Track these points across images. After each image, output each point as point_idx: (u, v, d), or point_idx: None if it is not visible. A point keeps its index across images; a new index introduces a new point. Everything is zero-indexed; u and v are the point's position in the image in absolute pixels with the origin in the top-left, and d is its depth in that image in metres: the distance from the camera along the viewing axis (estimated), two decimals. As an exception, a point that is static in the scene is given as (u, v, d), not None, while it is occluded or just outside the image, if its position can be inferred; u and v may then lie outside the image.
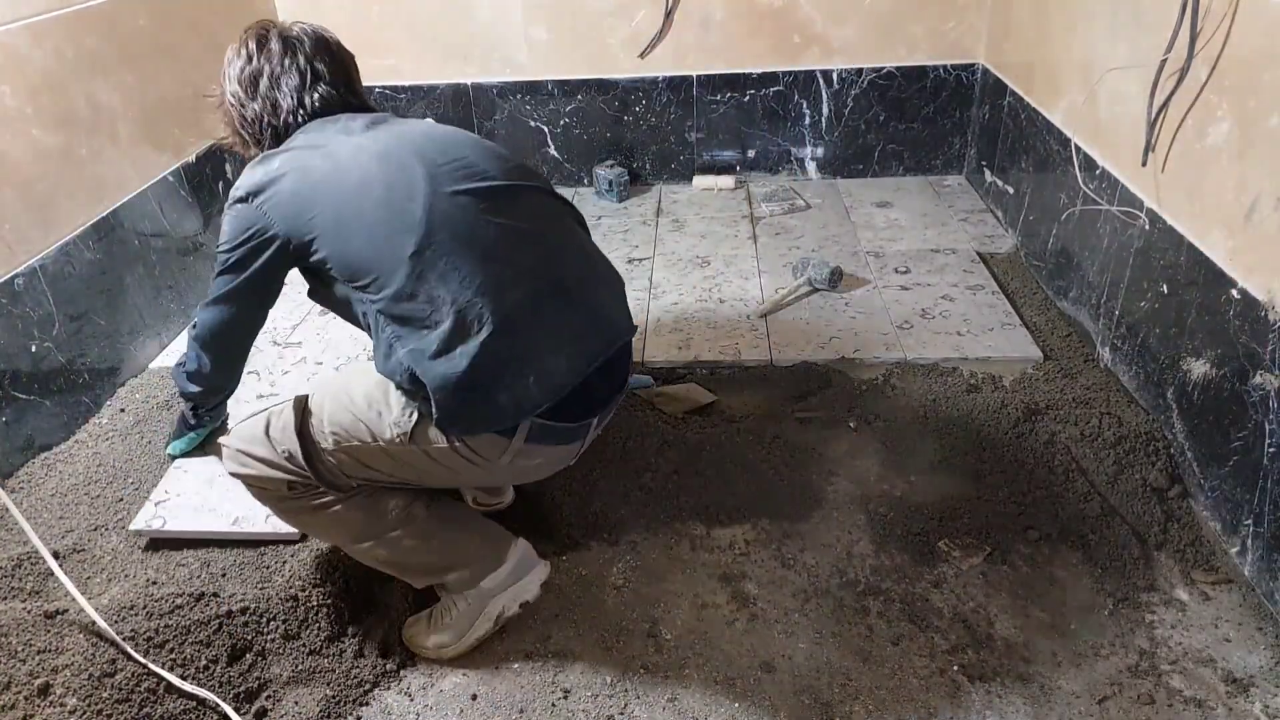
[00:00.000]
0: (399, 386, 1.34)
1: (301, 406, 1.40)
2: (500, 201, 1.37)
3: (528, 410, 1.32)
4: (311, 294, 1.48)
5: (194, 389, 1.68)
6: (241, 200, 1.37)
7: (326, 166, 1.35)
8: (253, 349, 1.65)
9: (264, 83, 1.46)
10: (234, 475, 1.43)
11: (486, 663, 1.50)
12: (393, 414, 1.34)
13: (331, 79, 1.50)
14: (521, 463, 1.41)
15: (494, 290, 1.30)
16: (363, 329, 1.41)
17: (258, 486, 1.43)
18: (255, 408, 1.98)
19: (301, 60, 1.48)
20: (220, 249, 1.44)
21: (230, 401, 1.85)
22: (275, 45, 1.47)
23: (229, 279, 1.46)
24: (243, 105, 1.47)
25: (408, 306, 1.29)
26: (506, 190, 1.39)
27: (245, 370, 1.72)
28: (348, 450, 1.37)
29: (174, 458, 1.87)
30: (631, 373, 1.59)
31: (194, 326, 1.57)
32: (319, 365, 2.19)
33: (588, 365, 1.38)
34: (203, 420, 1.84)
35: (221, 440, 1.50)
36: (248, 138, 1.50)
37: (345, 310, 1.42)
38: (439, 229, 1.30)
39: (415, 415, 1.33)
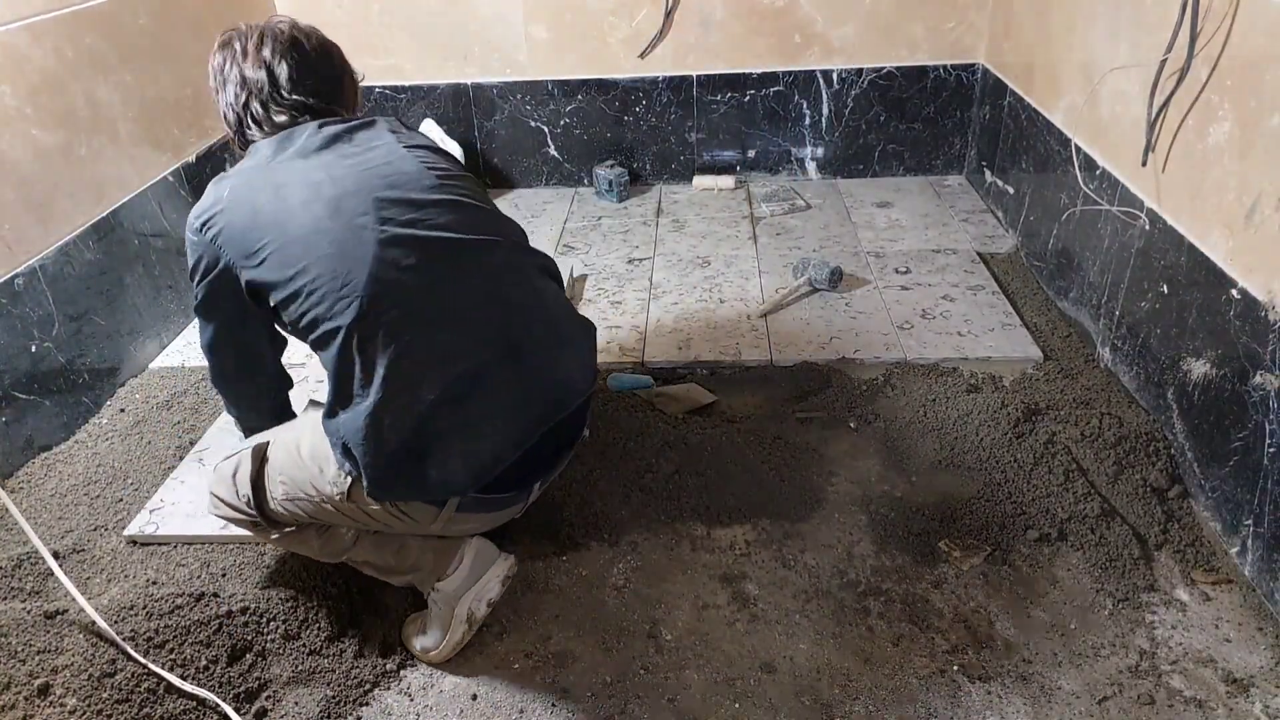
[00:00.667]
0: (336, 449, 1.33)
1: (260, 455, 1.42)
2: (458, 262, 1.33)
3: (456, 490, 1.33)
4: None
5: (237, 422, 1.68)
6: (195, 230, 1.35)
7: (274, 208, 1.30)
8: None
9: (231, 86, 1.42)
10: (212, 514, 1.49)
11: (486, 663, 1.50)
12: (330, 472, 1.35)
13: (299, 84, 1.43)
14: (456, 527, 1.44)
15: (434, 364, 1.28)
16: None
17: (232, 520, 1.47)
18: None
19: (269, 58, 1.42)
20: (192, 280, 1.41)
21: (228, 420, 1.79)
22: (239, 45, 1.43)
23: (205, 313, 1.43)
24: (217, 103, 1.46)
25: (345, 372, 1.28)
26: (466, 248, 1.34)
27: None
28: (294, 500, 1.39)
29: None
30: (587, 424, 1.55)
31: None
32: (320, 384, 2.17)
33: (532, 434, 1.37)
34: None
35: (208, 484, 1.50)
36: (233, 135, 1.48)
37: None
38: (383, 298, 1.26)
39: (349, 478, 1.33)
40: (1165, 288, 1.85)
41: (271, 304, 1.32)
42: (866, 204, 3.10)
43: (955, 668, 1.46)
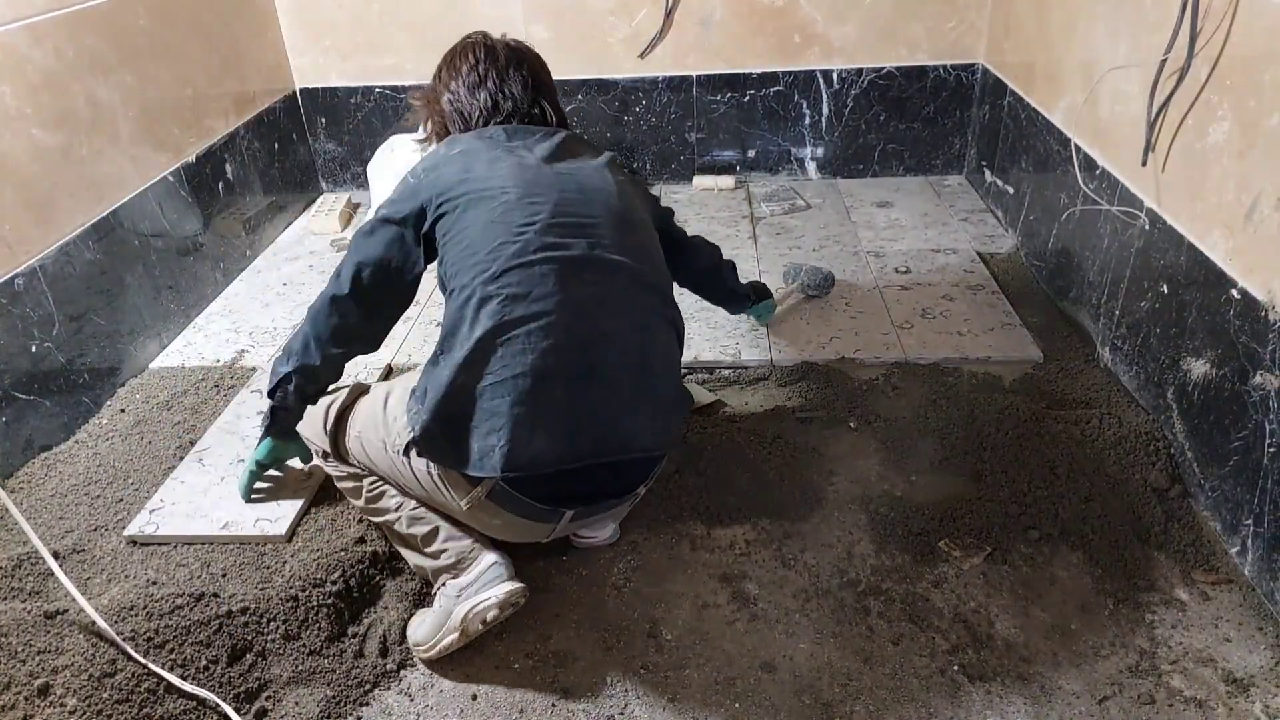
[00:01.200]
0: (414, 396, 1.44)
1: (357, 393, 1.60)
2: (587, 273, 1.41)
3: (487, 469, 1.36)
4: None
5: (286, 368, 1.58)
6: (415, 173, 1.51)
7: (481, 172, 1.45)
8: (257, 370, 1.67)
9: (489, 87, 1.59)
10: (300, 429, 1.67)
11: (486, 663, 1.50)
12: (397, 426, 1.46)
13: (537, 92, 1.61)
14: (481, 515, 1.46)
15: (525, 351, 1.35)
16: None
17: (311, 445, 1.68)
18: (256, 424, 1.95)
19: (526, 69, 1.62)
20: (381, 208, 1.52)
21: (235, 418, 1.79)
22: (502, 50, 1.63)
23: (381, 220, 1.51)
24: (461, 103, 1.61)
25: (453, 325, 1.39)
26: (604, 264, 1.43)
27: (249, 388, 1.70)
28: (364, 442, 1.53)
29: (248, 483, 1.75)
30: (646, 485, 1.55)
31: (320, 303, 1.56)
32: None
33: (569, 461, 1.39)
34: (275, 427, 1.68)
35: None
36: (453, 129, 1.62)
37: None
38: (514, 276, 1.37)
39: (410, 434, 1.42)
40: (1165, 287, 1.85)
41: (443, 240, 1.44)
42: (866, 204, 3.10)
43: (955, 668, 1.46)
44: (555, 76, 1.56)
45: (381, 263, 1.49)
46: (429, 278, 1.51)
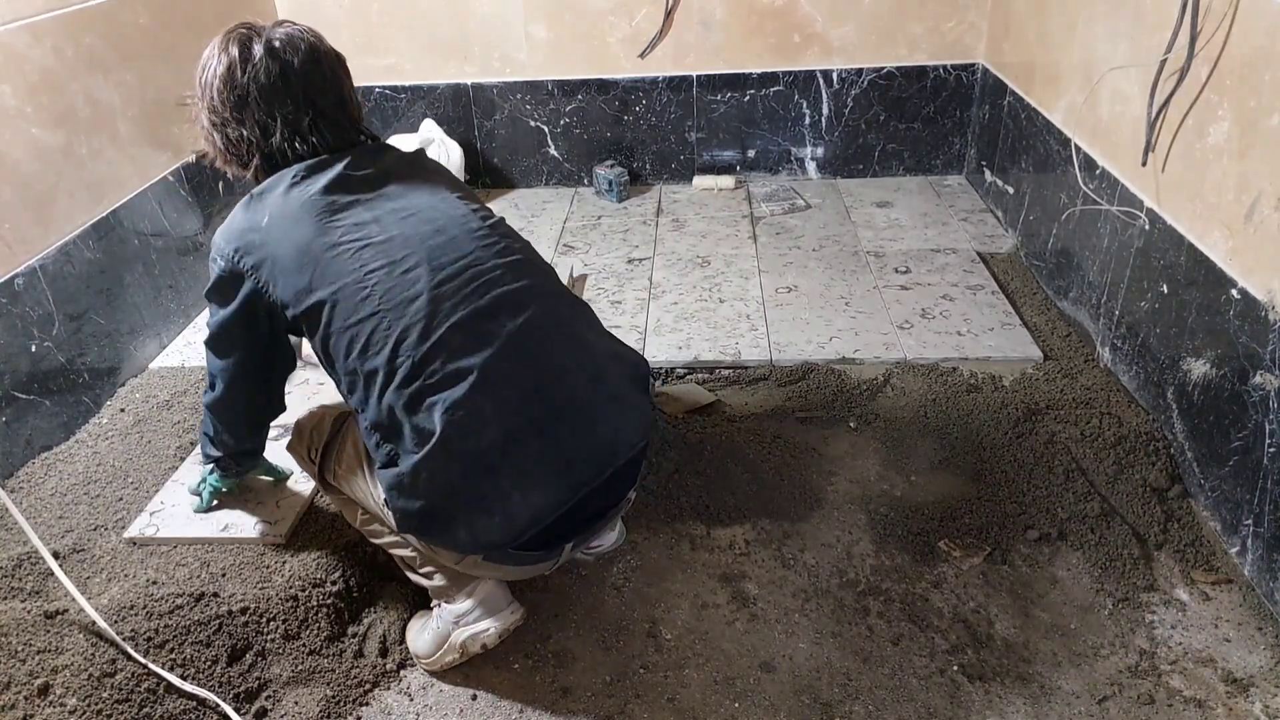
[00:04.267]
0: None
1: (340, 422, 1.49)
2: (500, 317, 1.29)
3: (484, 547, 1.30)
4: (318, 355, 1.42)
5: (216, 453, 1.63)
6: (227, 256, 1.32)
7: (321, 250, 1.26)
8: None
9: (252, 104, 1.32)
10: (285, 447, 1.59)
11: (486, 663, 1.50)
12: (376, 479, 1.36)
13: (331, 108, 1.36)
14: (479, 571, 1.41)
15: (478, 424, 1.24)
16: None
17: (299, 464, 1.59)
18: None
19: (295, 80, 1.32)
20: (212, 309, 1.39)
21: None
22: (262, 58, 1.31)
23: (221, 343, 1.41)
24: (225, 124, 1.34)
25: (386, 427, 1.28)
26: (510, 299, 1.30)
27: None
28: (353, 486, 1.45)
29: (205, 507, 1.75)
30: (638, 483, 1.47)
31: (208, 388, 1.52)
32: (320, 385, 2.17)
33: (571, 495, 1.31)
34: (230, 473, 1.71)
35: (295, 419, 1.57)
36: (231, 158, 1.38)
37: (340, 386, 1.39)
38: (434, 355, 1.24)
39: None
40: (1165, 287, 1.85)
41: (315, 340, 1.31)
42: (866, 203, 3.10)
43: (955, 667, 1.46)
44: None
45: (245, 358, 1.41)
46: None
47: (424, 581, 1.49)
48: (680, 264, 2.75)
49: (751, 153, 3.29)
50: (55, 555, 1.60)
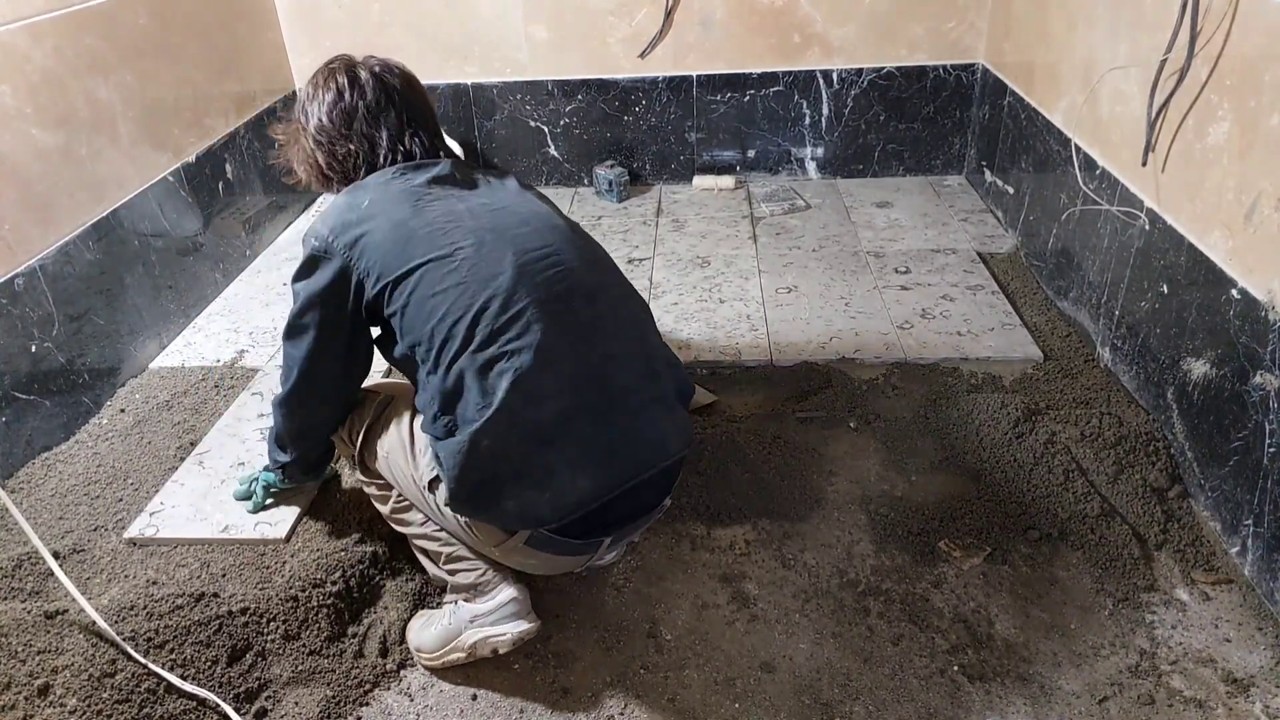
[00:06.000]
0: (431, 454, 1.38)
1: (381, 408, 1.51)
2: (573, 302, 1.35)
3: (532, 523, 1.33)
4: (379, 343, 1.48)
5: (283, 458, 1.64)
6: (323, 239, 1.36)
7: (416, 225, 1.34)
8: (258, 371, 1.59)
9: (360, 119, 1.44)
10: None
11: (487, 663, 1.50)
12: (425, 459, 1.40)
13: (425, 122, 1.49)
14: (517, 558, 1.43)
15: (538, 399, 1.30)
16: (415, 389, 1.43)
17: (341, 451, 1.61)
18: (255, 426, 1.99)
19: (398, 99, 1.46)
20: (295, 294, 1.41)
21: (233, 420, 1.69)
22: (368, 81, 1.45)
23: (301, 329, 1.42)
24: (334, 142, 1.45)
25: (451, 394, 1.31)
26: (585, 289, 1.37)
27: (249, 390, 1.63)
28: (390, 467, 1.47)
29: (257, 507, 1.76)
30: (670, 494, 1.50)
31: (276, 398, 1.54)
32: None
33: (612, 488, 1.35)
34: (293, 479, 1.72)
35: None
36: (333, 175, 1.48)
37: (403, 367, 1.43)
38: (508, 328, 1.30)
39: (434, 472, 1.38)
40: (1165, 287, 1.85)
41: (395, 313, 1.34)
42: (866, 204, 3.10)
43: (955, 667, 1.46)
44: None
45: (328, 352, 1.42)
46: None
47: (447, 577, 1.50)
48: (680, 264, 2.75)
49: (751, 153, 3.29)
50: (55, 555, 1.60)
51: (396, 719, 1.43)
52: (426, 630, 1.50)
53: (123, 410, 2.13)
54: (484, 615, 1.45)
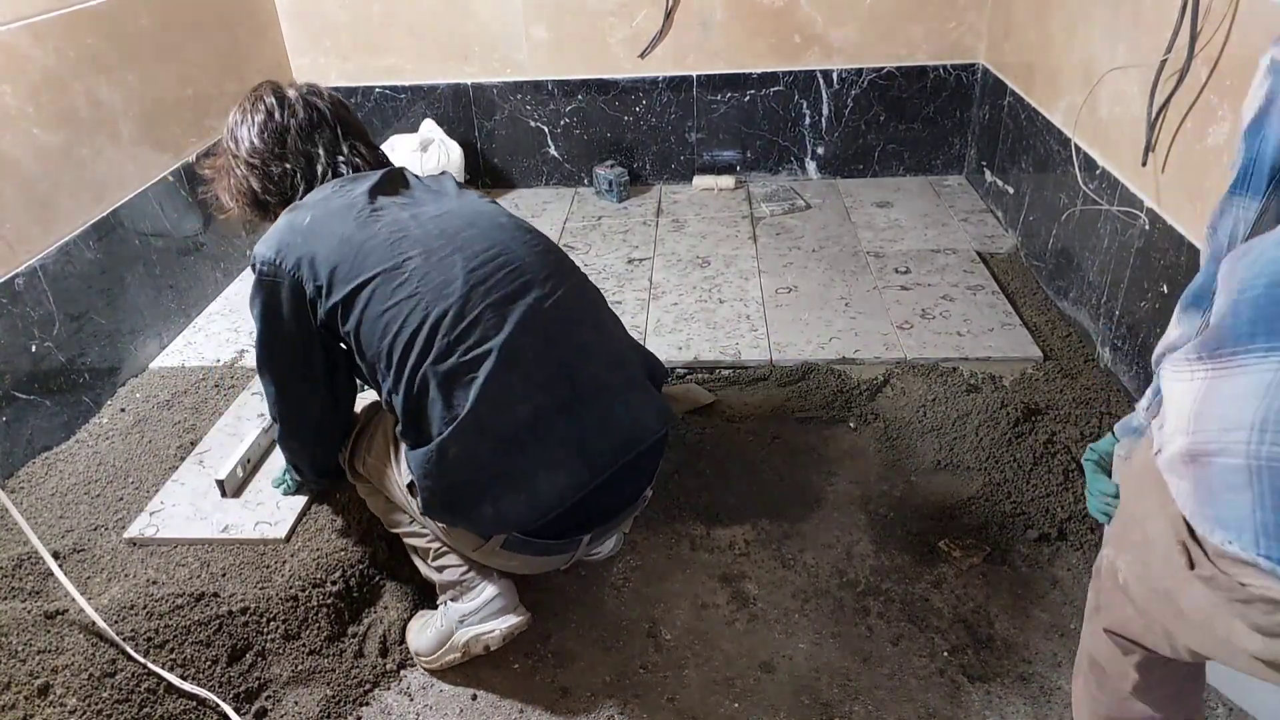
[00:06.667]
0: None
1: (368, 414, 1.56)
2: (530, 298, 1.34)
3: (509, 526, 1.32)
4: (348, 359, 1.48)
5: (299, 479, 1.72)
6: (269, 261, 1.35)
7: (361, 238, 1.33)
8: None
9: (293, 137, 1.43)
10: None
11: (486, 663, 1.50)
12: (404, 463, 1.39)
13: (360, 135, 1.50)
14: (497, 561, 1.43)
15: (505, 404, 1.29)
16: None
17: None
18: (256, 425, 1.98)
19: (329, 114, 1.47)
20: (255, 322, 1.41)
21: (234, 419, 1.73)
22: (298, 98, 1.45)
23: (268, 343, 1.43)
24: (267, 164, 1.43)
25: (416, 407, 1.30)
26: (540, 282, 1.36)
27: (249, 390, 1.67)
28: (380, 474, 1.49)
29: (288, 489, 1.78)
30: (654, 480, 1.50)
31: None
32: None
33: (593, 479, 1.34)
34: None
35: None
36: (270, 200, 1.46)
37: (370, 383, 1.43)
38: (466, 336, 1.29)
39: (410, 477, 1.38)
40: (1165, 287, 1.85)
41: (349, 333, 1.33)
42: (866, 204, 3.10)
43: (955, 667, 1.46)
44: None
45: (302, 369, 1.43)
46: None
47: (435, 576, 1.50)
48: (680, 264, 2.75)
49: (751, 153, 3.29)
50: (55, 555, 1.60)
51: (396, 719, 1.43)
52: (424, 633, 1.50)
53: (123, 410, 2.14)
54: (471, 614, 1.45)
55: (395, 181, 1.44)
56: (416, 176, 1.49)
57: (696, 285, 2.61)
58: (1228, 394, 0.80)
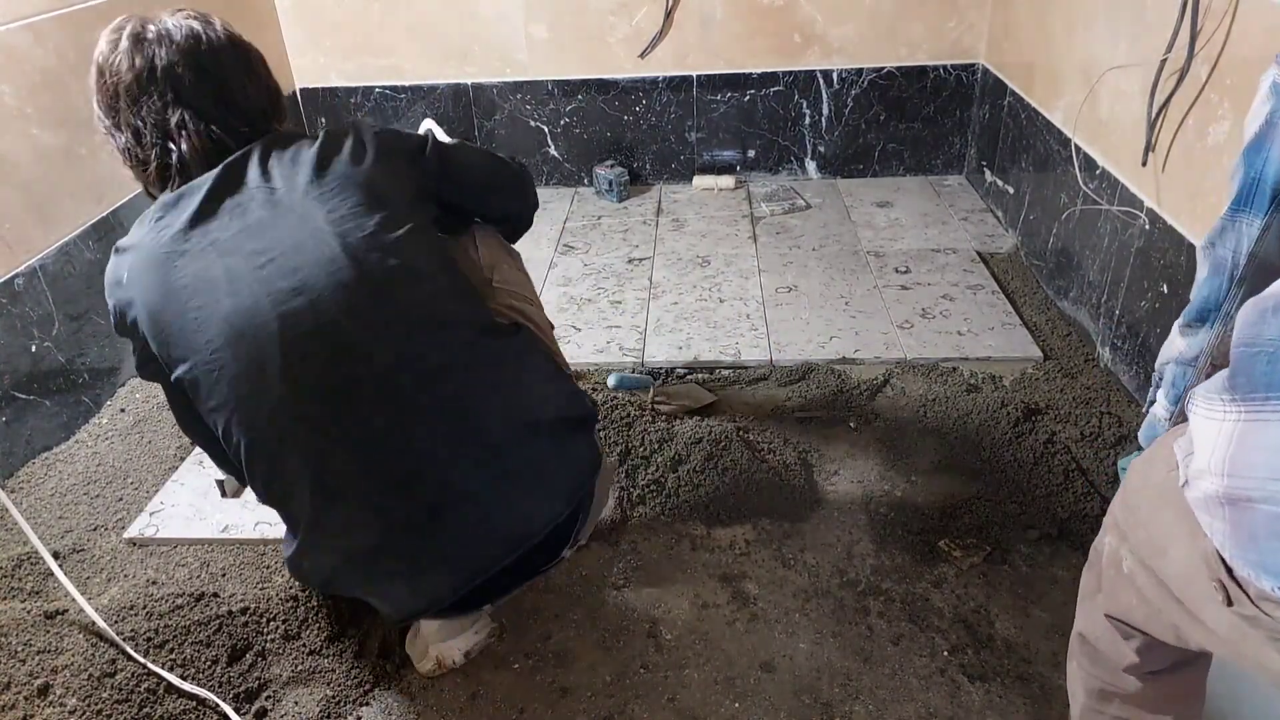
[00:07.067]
0: None
1: None
2: (362, 404, 1.10)
3: (404, 616, 1.31)
4: None
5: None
6: (115, 313, 1.16)
7: (171, 315, 1.09)
8: None
9: (123, 106, 1.15)
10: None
11: (486, 663, 1.50)
12: None
13: (205, 106, 1.14)
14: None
15: (335, 534, 1.17)
16: None
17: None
18: None
19: (160, 76, 1.13)
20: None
21: None
22: (126, 51, 1.13)
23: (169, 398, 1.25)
24: (109, 132, 1.18)
25: (276, 503, 1.23)
26: (381, 369, 1.10)
27: None
28: None
29: None
30: (574, 543, 1.33)
31: None
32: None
33: (478, 577, 1.19)
34: None
35: None
36: (152, 190, 1.19)
37: None
38: (277, 477, 1.15)
39: None
40: (1165, 287, 1.85)
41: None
42: (866, 203, 3.10)
43: (955, 667, 1.46)
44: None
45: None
46: None
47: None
48: (680, 264, 2.75)
49: (751, 153, 3.29)
50: (55, 555, 1.61)
51: (396, 719, 1.43)
52: (412, 643, 1.50)
53: (123, 410, 2.14)
54: (434, 633, 1.45)
55: (229, 184, 1.11)
56: (282, 151, 1.15)
57: (696, 285, 2.61)
58: (1268, 442, 0.78)
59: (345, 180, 1.12)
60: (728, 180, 3.25)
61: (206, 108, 1.14)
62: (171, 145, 1.12)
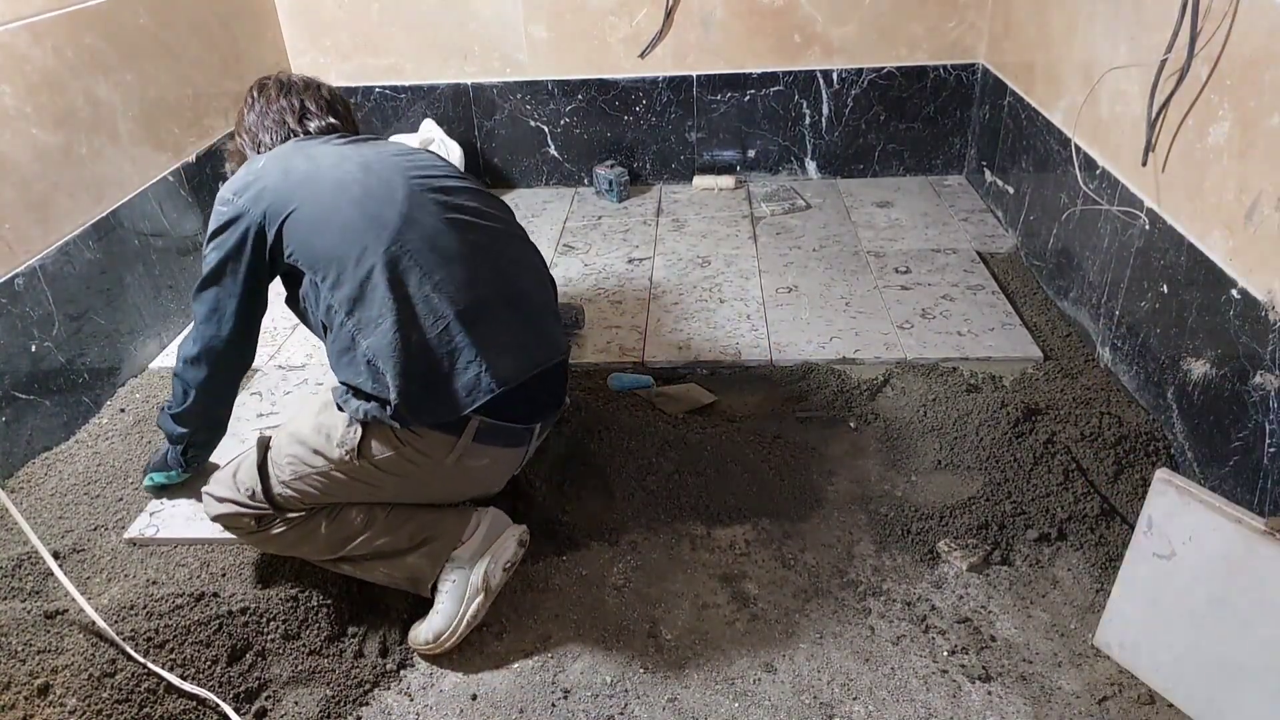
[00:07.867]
0: (352, 390, 1.43)
1: (264, 445, 1.52)
2: (467, 216, 1.51)
3: (481, 395, 1.40)
4: (287, 301, 1.58)
5: (181, 430, 1.69)
6: (225, 200, 1.50)
7: (307, 167, 1.49)
8: (256, 371, 1.67)
9: (272, 94, 1.64)
10: (210, 518, 1.54)
11: (486, 663, 1.50)
12: (338, 433, 1.44)
13: (323, 100, 1.67)
14: (469, 462, 1.47)
15: (452, 289, 1.42)
16: (320, 334, 1.51)
17: (230, 526, 1.53)
18: (255, 426, 2.01)
19: (297, 82, 1.67)
20: (206, 249, 1.52)
21: (232, 420, 1.74)
22: (275, 74, 1.69)
23: (215, 283, 1.52)
24: (252, 108, 1.65)
25: (369, 300, 1.39)
26: (477, 205, 1.54)
27: (248, 390, 1.72)
28: (302, 477, 1.46)
29: (151, 491, 1.80)
30: (567, 393, 1.68)
31: (180, 361, 1.61)
32: (319, 386, 2.18)
33: (530, 369, 1.48)
34: (189, 465, 1.77)
35: (203, 489, 1.57)
36: (250, 154, 1.63)
37: (305, 315, 1.54)
38: (410, 229, 1.43)
39: (359, 430, 1.42)
40: (1165, 287, 1.85)
41: (294, 249, 1.44)
42: (866, 204, 3.10)
43: (956, 668, 1.46)
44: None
45: (243, 299, 1.51)
46: None
47: (421, 565, 1.51)
48: (680, 264, 2.75)
49: (751, 153, 3.29)
50: (55, 555, 1.60)
51: (396, 719, 1.43)
52: (432, 619, 1.50)
53: (123, 410, 2.13)
54: (479, 545, 1.52)
55: (347, 134, 1.65)
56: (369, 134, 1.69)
57: (697, 285, 2.61)
58: None
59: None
60: (728, 180, 3.25)
61: (326, 98, 1.69)
62: (306, 118, 1.65)
